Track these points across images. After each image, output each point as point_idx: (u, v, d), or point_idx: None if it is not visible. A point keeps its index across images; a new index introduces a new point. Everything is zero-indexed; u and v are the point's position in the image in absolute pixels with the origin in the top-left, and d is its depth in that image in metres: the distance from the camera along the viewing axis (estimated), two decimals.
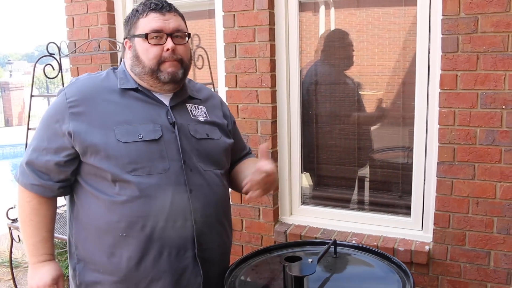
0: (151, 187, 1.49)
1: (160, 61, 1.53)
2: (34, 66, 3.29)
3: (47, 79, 3.42)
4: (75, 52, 3.35)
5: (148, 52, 1.53)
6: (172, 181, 1.52)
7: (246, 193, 1.56)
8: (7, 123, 17.76)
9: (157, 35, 1.52)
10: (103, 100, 1.54)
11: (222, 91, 2.95)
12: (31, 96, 3.32)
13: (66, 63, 3.54)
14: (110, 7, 3.28)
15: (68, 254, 1.68)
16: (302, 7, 2.78)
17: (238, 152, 1.87)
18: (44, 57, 3.36)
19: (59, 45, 3.30)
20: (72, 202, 1.65)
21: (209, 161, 1.62)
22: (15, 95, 17.52)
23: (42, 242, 1.62)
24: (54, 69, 3.35)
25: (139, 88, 1.58)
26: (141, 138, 1.50)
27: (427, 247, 2.45)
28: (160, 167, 1.51)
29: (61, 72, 3.40)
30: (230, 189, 1.81)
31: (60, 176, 1.56)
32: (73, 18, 3.38)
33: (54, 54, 3.30)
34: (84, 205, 1.58)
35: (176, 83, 1.58)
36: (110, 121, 1.50)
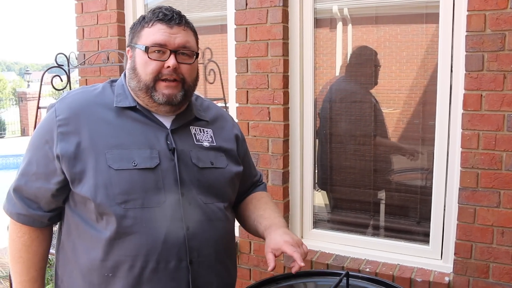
0: (143, 222, 1.32)
1: (157, 78, 1.36)
2: (42, 77, 3.22)
3: (56, 90, 3.35)
4: (84, 63, 3.29)
5: (146, 66, 1.36)
6: (167, 216, 1.34)
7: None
8: (23, 132, 18.00)
9: (160, 49, 1.35)
10: (96, 118, 1.36)
11: (232, 107, 2.85)
12: (38, 107, 3.24)
13: (76, 74, 3.48)
14: (121, 19, 3.22)
15: (54, 284, 1.53)
16: (318, 23, 2.68)
17: (247, 178, 1.69)
18: (54, 68, 3.30)
19: (68, 56, 3.24)
20: (60, 230, 1.49)
21: (211, 193, 1.44)
22: (32, 105, 17.76)
23: (31, 282, 1.47)
24: (62, 81, 3.29)
25: (137, 107, 1.41)
26: (135, 166, 1.32)
27: (447, 278, 2.30)
28: (155, 199, 1.33)
29: (69, 84, 3.33)
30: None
31: (51, 206, 1.41)
32: (83, 29, 3.32)
33: (63, 65, 3.24)
34: (70, 237, 1.41)
35: (173, 106, 1.41)
36: (102, 144, 1.33)
